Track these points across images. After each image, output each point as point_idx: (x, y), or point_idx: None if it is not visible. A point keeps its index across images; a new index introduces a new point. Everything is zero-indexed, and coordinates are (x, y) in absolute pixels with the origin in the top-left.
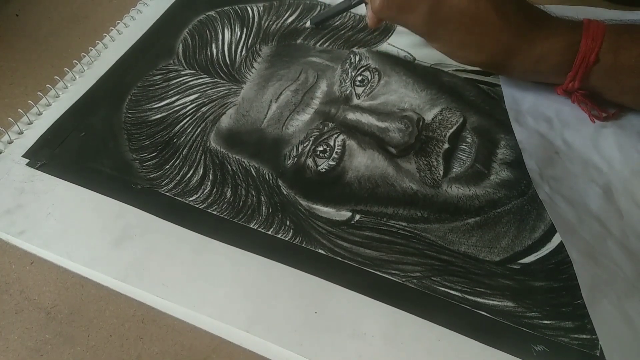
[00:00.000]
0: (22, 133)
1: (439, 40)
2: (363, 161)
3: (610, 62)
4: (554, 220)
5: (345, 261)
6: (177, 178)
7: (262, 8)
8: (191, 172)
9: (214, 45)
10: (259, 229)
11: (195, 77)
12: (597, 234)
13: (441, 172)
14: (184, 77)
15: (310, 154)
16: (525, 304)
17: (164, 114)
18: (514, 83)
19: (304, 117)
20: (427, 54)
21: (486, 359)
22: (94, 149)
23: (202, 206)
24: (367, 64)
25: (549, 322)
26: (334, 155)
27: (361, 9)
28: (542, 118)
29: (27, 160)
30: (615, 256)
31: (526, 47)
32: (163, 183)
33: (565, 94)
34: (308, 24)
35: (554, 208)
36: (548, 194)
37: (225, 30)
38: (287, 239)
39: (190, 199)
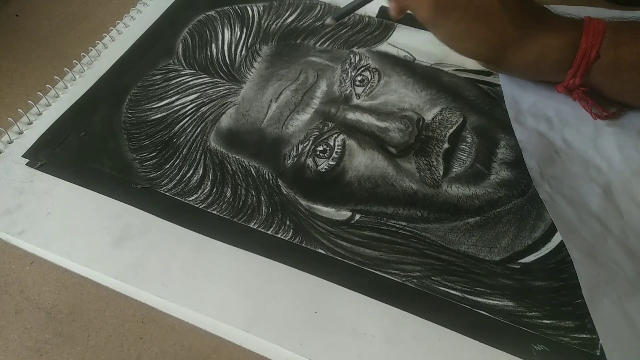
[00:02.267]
0: (22, 133)
1: (443, 29)
2: (363, 161)
3: (611, 58)
4: (554, 219)
5: (345, 261)
6: (177, 178)
7: (262, 8)
8: (191, 171)
9: (213, 45)
10: (259, 229)
11: (195, 77)
12: (597, 233)
13: (441, 172)
14: (184, 77)
15: (310, 153)
16: (526, 304)
17: (163, 113)
18: (514, 82)
19: (304, 116)
20: (427, 54)
21: (486, 358)
22: (94, 149)
23: (202, 206)
24: (367, 64)
25: (549, 321)
26: (334, 155)
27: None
28: (542, 117)
29: (27, 160)
30: (616, 256)
31: (527, 42)
32: (163, 183)
33: (566, 91)
34: (329, 20)
35: (555, 207)
36: (548, 193)
37: (225, 30)
38: (287, 238)
39: (190, 198)
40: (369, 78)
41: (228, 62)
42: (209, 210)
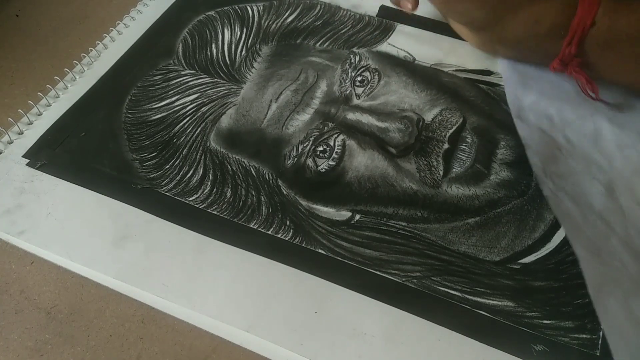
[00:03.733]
0: (22, 133)
1: None
2: (363, 161)
3: (607, 26)
4: (558, 217)
5: (345, 261)
6: (177, 178)
7: (262, 8)
8: (191, 172)
9: (213, 45)
10: (259, 229)
11: (195, 77)
12: (601, 232)
13: (441, 172)
14: (184, 77)
15: (310, 154)
16: (525, 304)
17: (163, 114)
18: (515, 80)
19: (304, 117)
20: (427, 54)
21: (486, 359)
22: (94, 149)
23: (202, 206)
24: (367, 64)
25: (549, 321)
26: (334, 155)
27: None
28: (544, 115)
29: (27, 161)
30: (620, 254)
31: (525, 5)
32: (163, 183)
33: (560, 66)
34: None
35: (558, 204)
36: (552, 191)
37: (225, 30)
38: (287, 238)
39: (190, 198)
40: (369, 78)
41: (228, 62)
42: (209, 210)
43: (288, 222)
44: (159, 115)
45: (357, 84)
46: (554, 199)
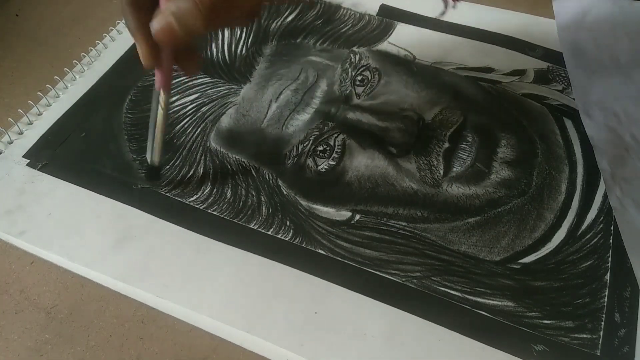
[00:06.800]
0: (22, 133)
1: None
2: (363, 161)
3: None
4: (621, 230)
5: (345, 261)
6: (178, 179)
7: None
8: (191, 172)
9: (213, 45)
10: (259, 229)
11: (195, 77)
12: None
13: (441, 172)
14: (184, 77)
15: (310, 153)
16: (525, 304)
17: None
18: (580, 70)
19: (304, 116)
20: (427, 53)
21: (486, 359)
22: (94, 150)
23: (202, 207)
24: (367, 64)
25: (549, 321)
26: (334, 155)
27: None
28: (610, 111)
29: (28, 161)
30: None
31: None
32: (163, 184)
33: None
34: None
35: (624, 215)
36: (619, 199)
37: (225, 30)
38: (287, 239)
39: (191, 199)
40: (369, 78)
41: (228, 62)
42: (209, 211)
43: (288, 223)
44: None
45: (358, 83)
46: (621, 210)
